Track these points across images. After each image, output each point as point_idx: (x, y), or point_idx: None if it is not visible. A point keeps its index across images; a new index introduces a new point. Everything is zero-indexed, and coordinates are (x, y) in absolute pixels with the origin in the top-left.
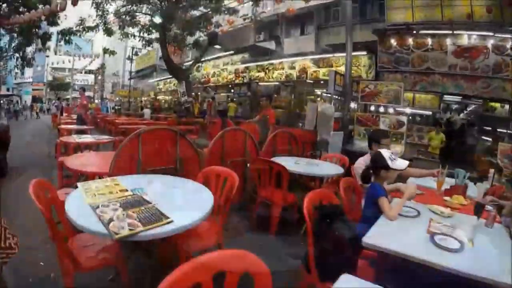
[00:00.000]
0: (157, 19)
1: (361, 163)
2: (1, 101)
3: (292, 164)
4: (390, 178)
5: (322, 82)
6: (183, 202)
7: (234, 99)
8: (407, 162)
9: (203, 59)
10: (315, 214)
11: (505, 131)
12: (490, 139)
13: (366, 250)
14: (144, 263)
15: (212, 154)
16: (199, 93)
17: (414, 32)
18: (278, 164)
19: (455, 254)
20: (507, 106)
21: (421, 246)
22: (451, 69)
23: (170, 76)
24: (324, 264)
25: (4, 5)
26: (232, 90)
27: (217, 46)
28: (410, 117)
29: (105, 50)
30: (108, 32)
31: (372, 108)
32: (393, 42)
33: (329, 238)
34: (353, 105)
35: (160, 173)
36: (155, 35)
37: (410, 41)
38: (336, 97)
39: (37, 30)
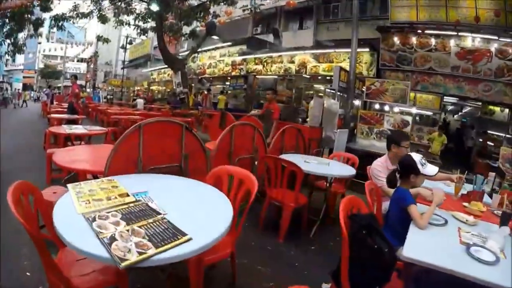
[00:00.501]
0: (154, 7)
1: (379, 164)
2: None
3: (302, 162)
4: (418, 183)
5: (319, 77)
6: (198, 212)
7: (228, 91)
8: (436, 168)
9: (199, 50)
10: (348, 224)
11: (503, 135)
12: (489, 142)
13: None
14: (150, 278)
15: (219, 151)
16: (193, 84)
17: (420, 31)
18: (292, 163)
19: (491, 266)
20: (507, 110)
21: (457, 258)
22: (453, 71)
23: (165, 66)
24: (359, 279)
25: None
26: (228, 83)
27: (215, 37)
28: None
29: (99, 38)
30: (103, 19)
31: (377, 106)
32: (396, 40)
33: (366, 251)
34: (356, 102)
35: (163, 172)
36: (150, 23)
37: (414, 40)
38: (339, 93)
39: (29, 15)
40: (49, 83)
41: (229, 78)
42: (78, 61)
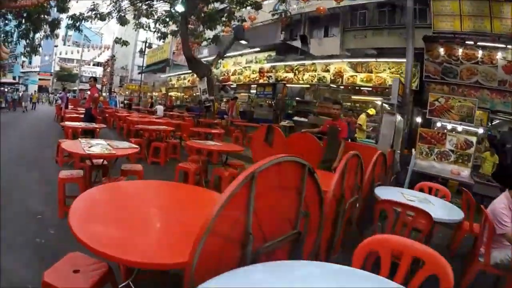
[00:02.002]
0: (180, 7)
1: (503, 207)
2: (6, 89)
3: (402, 199)
4: None
5: (350, 87)
6: None
7: (254, 100)
8: None
9: (223, 55)
10: None
11: None
12: None
13: None
14: None
15: (334, 196)
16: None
17: (470, 42)
18: (421, 210)
19: None
20: None
21: None
22: (500, 85)
23: (185, 72)
24: None
25: None
26: (254, 91)
27: (243, 42)
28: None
29: (117, 40)
30: (122, 21)
31: (438, 124)
32: (441, 51)
33: None
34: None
35: (274, 250)
36: (171, 27)
37: (460, 51)
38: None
39: (46, 16)
40: (64, 86)
41: (255, 86)
42: (94, 65)
